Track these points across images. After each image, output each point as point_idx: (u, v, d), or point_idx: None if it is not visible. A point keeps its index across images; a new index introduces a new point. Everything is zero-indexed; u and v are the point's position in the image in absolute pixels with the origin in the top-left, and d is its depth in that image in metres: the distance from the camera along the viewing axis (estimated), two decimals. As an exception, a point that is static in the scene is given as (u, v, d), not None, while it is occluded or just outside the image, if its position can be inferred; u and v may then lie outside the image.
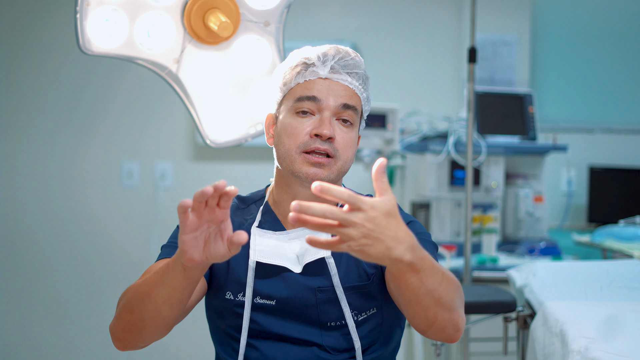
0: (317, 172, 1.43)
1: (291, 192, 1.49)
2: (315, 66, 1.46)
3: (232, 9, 1.84)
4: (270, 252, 1.46)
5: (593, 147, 3.91)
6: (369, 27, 3.82)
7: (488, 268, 3.03)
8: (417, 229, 1.47)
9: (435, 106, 3.62)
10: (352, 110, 1.46)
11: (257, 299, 1.46)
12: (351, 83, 1.46)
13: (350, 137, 1.46)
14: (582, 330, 1.76)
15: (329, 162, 1.44)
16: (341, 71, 1.46)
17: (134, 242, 3.71)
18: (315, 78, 1.45)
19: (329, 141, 1.43)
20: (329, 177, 1.44)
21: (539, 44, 3.95)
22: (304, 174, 1.43)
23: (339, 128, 1.45)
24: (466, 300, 2.23)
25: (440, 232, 3.28)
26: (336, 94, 1.45)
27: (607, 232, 3.10)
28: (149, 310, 1.32)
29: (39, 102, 3.69)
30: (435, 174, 3.23)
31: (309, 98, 1.44)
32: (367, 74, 1.51)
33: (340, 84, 1.46)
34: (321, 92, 1.44)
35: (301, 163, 1.44)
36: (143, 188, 3.73)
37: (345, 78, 1.46)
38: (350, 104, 1.45)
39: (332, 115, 1.44)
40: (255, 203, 1.56)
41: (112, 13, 1.78)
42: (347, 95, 1.46)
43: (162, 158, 3.75)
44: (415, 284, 1.21)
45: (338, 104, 1.44)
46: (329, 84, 1.45)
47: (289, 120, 1.46)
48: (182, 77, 1.88)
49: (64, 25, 2.92)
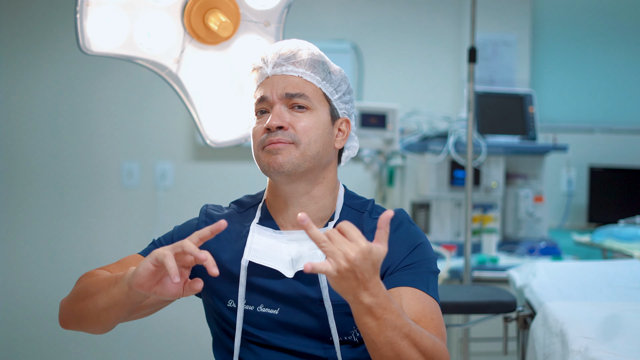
0: (275, 159, 1.43)
1: (280, 194, 1.50)
2: (262, 69, 1.50)
3: (232, 9, 1.84)
4: (265, 252, 1.45)
5: (593, 147, 3.91)
6: (369, 27, 3.82)
7: (488, 268, 3.03)
8: (423, 254, 1.47)
9: (435, 106, 3.61)
10: (300, 97, 1.46)
11: (261, 307, 1.45)
12: (296, 71, 1.47)
13: (308, 121, 1.45)
14: (582, 330, 1.76)
15: (286, 147, 1.43)
16: (284, 63, 1.48)
17: (133, 242, 3.70)
18: (263, 79, 1.49)
19: (281, 130, 1.44)
20: (292, 163, 1.43)
21: (539, 44, 3.95)
22: (266, 165, 1.45)
23: (292, 115, 1.45)
24: (466, 300, 2.24)
25: (440, 232, 3.28)
26: (279, 86, 1.47)
27: (607, 232, 3.10)
28: (90, 310, 1.38)
29: (39, 102, 3.69)
30: (435, 174, 3.23)
31: (260, 100, 1.48)
32: (323, 58, 1.51)
33: (285, 76, 1.47)
34: (267, 90, 1.47)
35: (263, 157, 1.45)
36: (143, 188, 3.73)
37: (289, 69, 1.48)
38: (293, 92, 1.46)
39: (282, 107, 1.46)
40: (253, 207, 1.56)
41: (112, 13, 1.78)
42: (291, 84, 1.46)
43: (162, 158, 3.75)
44: (374, 330, 1.25)
45: (281, 95, 1.46)
46: (273, 81, 1.48)
47: (253, 125, 1.51)
48: (182, 77, 1.88)
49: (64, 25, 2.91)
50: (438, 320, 1.40)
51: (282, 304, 1.44)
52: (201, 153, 3.76)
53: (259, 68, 1.50)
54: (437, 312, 1.41)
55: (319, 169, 1.48)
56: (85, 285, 1.41)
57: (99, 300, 1.35)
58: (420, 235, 1.50)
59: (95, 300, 1.36)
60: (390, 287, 1.40)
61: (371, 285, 1.22)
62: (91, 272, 1.46)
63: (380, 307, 1.24)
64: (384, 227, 1.22)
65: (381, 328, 1.25)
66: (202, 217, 1.55)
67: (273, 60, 1.48)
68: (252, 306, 1.45)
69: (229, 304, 1.47)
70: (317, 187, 1.48)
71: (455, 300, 2.23)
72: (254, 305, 1.45)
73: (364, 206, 1.52)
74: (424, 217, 3.29)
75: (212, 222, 1.45)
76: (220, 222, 1.25)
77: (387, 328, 1.25)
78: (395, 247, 1.45)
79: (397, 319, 1.26)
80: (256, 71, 1.52)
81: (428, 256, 1.47)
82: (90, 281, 1.41)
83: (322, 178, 1.49)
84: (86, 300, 1.38)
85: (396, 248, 1.45)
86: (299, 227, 1.47)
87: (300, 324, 1.43)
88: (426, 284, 1.43)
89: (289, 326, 1.44)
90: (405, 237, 1.47)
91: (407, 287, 1.41)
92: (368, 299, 1.22)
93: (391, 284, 1.41)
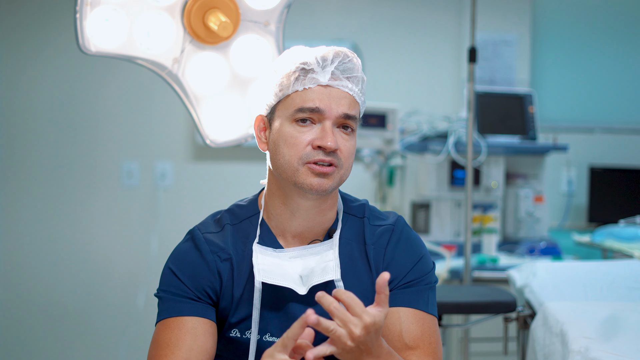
0: (321, 183, 1.37)
1: (290, 204, 1.42)
2: (314, 72, 1.38)
3: (232, 8, 1.84)
4: (273, 271, 1.40)
5: (593, 147, 3.91)
6: (369, 27, 3.82)
7: (488, 268, 3.03)
8: (425, 268, 1.46)
9: (435, 106, 3.61)
10: (353, 120, 1.39)
11: (267, 337, 1.40)
12: (351, 89, 1.39)
13: (351, 145, 1.40)
14: (582, 330, 1.76)
15: (333, 172, 1.37)
16: (341, 77, 1.38)
17: (133, 242, 3.70)
18: (315, 86, 1.37)
19: (334, 153, 1.37)
20: (332, 186, 1.39)
21: (539, 44, 3.94)
22: (308, 185, 1.37)
23: (341, 137, 1.38)
24: (466, 300, 2.24)
25: (440, 232, 3.28)
26: (337, 102, 1.37)
27: (607, 232, 3.10)
28: None
29: (39, 101, 3.69)
30: (435, 174, 3.23)
31: (311, 110, 1.36)
32: (364, 75, 1.44)
33: (341, 91, 1.38)
34: (322, 102, 1.36)
35: (305, 174, 1.37)
36: (143, 188, 3.73)
37: (345, 84, 1.38)
38: (351, 113, 1.38)
39: (333, 125, 1.38)
40: (249, 219, 1.47)
41: (112, 13, 1.78)
42: (347, 103, 1.38)
43: (162, 158, 3.75)
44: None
45: (340, 114, 1.37)
46: (329, 93, 1.37)
47: (287, 130, 1.38)
48: (182, 77, 1.88)
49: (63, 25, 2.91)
50: (435, 343, 1.40)
51: None
52: (201, 153, 3.76)
53: (310, 70, 1.38)
54: (435, 332, 1.42)
55: None
56: None
57: None
58: (421, 246, 1.49)
59: None
60: (391, 306, 1.39)
61: (374, 349, 1.24)
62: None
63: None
64: (383, 291, 1.24)
65: None
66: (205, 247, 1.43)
67: (331, 67, 1.38)
68: (259, 335, 1.41)
69: (232, 333, 1.42)
70: (328, 202, 1.45)
71: (455, 300, 2.23)
72: (260, 334, 1.41)
73: (361, 210, 1.50)
74: (424, 217, 3.29)
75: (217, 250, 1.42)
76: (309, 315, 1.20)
77: None
78: (398, 260, 1.44)
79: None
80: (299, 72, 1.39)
81: (428, 269, 1.47)
82: None
83: (333, 194, 1.46)
84: None
85: (399, 261, 1.44)
86: (299, 239, 1.45)
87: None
88: (426, 302, 1.43)
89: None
90: (406, 250, 1.46)
91: (408, 308, 1.41)
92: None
93: (392, 303, 1.39)
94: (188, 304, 1.39)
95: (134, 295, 3.64)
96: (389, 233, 1.46)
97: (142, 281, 3.63)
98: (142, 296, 3.62)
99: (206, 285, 1.40)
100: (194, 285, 1.40)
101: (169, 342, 1.36)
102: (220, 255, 1.42)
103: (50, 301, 3.69)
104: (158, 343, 1.37)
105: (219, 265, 1.41)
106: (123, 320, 3.65)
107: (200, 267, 1.41)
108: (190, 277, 1.41)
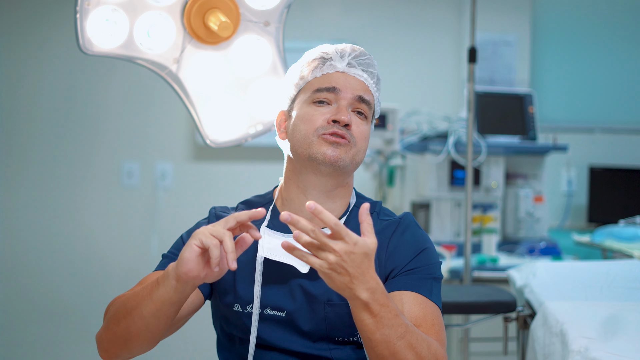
0: (334, 153, 1.43)
1: (302, 183, 1.48)
2: (333, 60, 1.49)
3: (232, 9, 1.84)
4: (278, 250, 1.43)
5: (593, 147, 3.91)
6: (369, 27, 3.82)
7: (488, 268, 3.03)
8: (428, 259, 1.47)
9: (435, 106, 3.61)
10: (367, 105, 1.49)
11: (267, 310, 1.43)
12: (366, 80, 1.50)
13: (365, 130, 1.48)
14: (582, 330, 1.76)
15: (346, 145, 1.45)
16: (357, 66, 1.49)
17: (133, 242, 3.71)
18: (333, 71, 1.48)
19: (346, 127, 1.45)
20: (345, 161, 1.44)
21: (539, 44, 3.95)
22: (322, 154, 1.43)
23: (355, 118, 1.47)
24: (466, 300, 2.24)
25: (440, 232, 3.28)
26: (353, 86, 1.48)
27: (607, 232, 3.10)
28: (136, 323, 1.33)
29: (39, 102, 3.69)
30: (435, 174, 3.23)
31: (328, 89, 1.46)
32: (380, 76, 1.54)
33: (357, 79, 1.49)
34: (339, 83, 1.47)
35: (319, 144, 1.44)
36: (143, 188, 3.73)
37: (361, 74, 1.49)
38: (365, 97, 1.48)
39: (348, 106, 1.47)
40: (263, 206, 1.54)
41: (112, 13, 1.78)
42: (362, 88, 1.49)
43: (162, 158, 3.75)
44: (370, 327, 1.26)
45: (355, 96, 1.47)
46: (345, 77, 1.48)
47: (305, 109, 1.48)
48: (182, 77, 1.88)
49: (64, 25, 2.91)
50: (439, 326, 1.40)
51: (289, 307, 1.43)
52: (201, 153, 3.76)
53: (329, 59, 1.49)
54: (438, 317, 1.42)
55: (350, 174, 1.51)
56: (120, 304, 1.36)
57: (144, 308, 1.31)
58: (426, 240, 1.50)
59: (140, 311, 1.31)
60: (393, 290, 1.41)
61: (366, 279, 1.23)
62: (117, 297, 1.40)
63: (377, 302, 1.25)
64: (365, 219, 1.24)
65: (378, 325, 1.26)
66: (214, 220, 1.51)
67: (348, 58, 1.49)
68: (260, 309, 1.44)
69: (235, 307, 1.45)
70: (340, 188, 1.50)
71: (455, 300, 2.23)
72: (261, 308, 1.44)
73: (373, 207, 1.54)
74: (424, 217, 3.29)
75: None
76: (258, 210, 1.25)
77: (383, 326, 1.26)
78: (401, 249, 1.46)
79: (394, 317, 1.27)
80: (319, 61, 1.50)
81: (433, 261, 1.48)
82: (123, 300, 1.37)
83: (345, 182, 1.51)
84: (129, 317, 1.33)
85: (402, 251, 1.46)
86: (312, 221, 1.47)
87: (306, 326, 1.43)
88: (429, 290, 1.43)
89: (296, 328, 1.43)
90: (411, 241, 1.48)
91: (410, 292, 1.41)
92: (364, 294, 1.23)
93: (394, 287, 1.41)
94: None
95: (134, 295, 3.64)
96: (395, 225, 1.50)
97: (142, 281, 3.63)
98: (142, 296, 3.62)
99: None
100: None
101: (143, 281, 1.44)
102: None
103: (50, 301, 3.69)
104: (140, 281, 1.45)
105: None
106: (123, 320, 3.65)
107: None
108: None
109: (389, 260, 1.45)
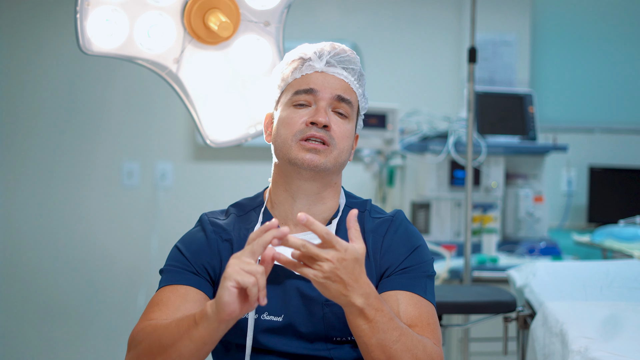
0: (312, 158, 1.43)
1: (290, 188, 1.48)
2: (311, 60, 1.48)
3: (232, 9, 1.84)
4: None
5: (593, 147, 3.91)
6: (369, 27, 3.82)
7: (488, 268, 3.03)
8: (422, 257, 1.47)
9: (435, 106, 3.61)
10: (347, 104, 1.47)
11: (264, 316, 1.43)
12: (346, 77, 1.48)
13: (346, 129, 1.47)
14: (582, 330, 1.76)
15: (325, 149, 1.44)
16: (337, 65, 1.48)
17: (134, 242, 3.71)
18: (311, 72, 1.47)
19: (324, 129, 1.44)
20: (325, 165, 1.44)
21: (539, 44, 3.95)
22: (300, 160, 1.43)
23: (334, 118, 1.46)
24: (466, 300, 2.24)
25: (440, 232, 3.28)
26: (332, 86, 1.46)
27: (607, 232, 3.10)
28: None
29: (39, 102, 3.69)
30: (435, 174, 3.23)
31: (305, 91, 1.46)
32: (363, 71, 1.53)
33: (336, 78, 1.47)
34: (317, 84, 1.46)
35: (297, 150, 1.44)
36: (143, 188, 3.73)
37: (340, 72, 1.48)
38: (345, 96, 1.47)
39: (327, 106, 1.46)
40: (254, 210, 1.54)
41: (112, 13, 1.78)
42: (342, 87, 1.47)
43: (162, 158, 3.75)
44: (366, 332, 1.27)
45: (333, 95, 1.46)
46: (324, 77, 1.47)
47: (285, 113, 1.47)
48: (182, 77, 1.88)
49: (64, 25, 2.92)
50: (434, 324, 1.41)
51: (286, 310, 1.43)
52: (201, 153, 3.76)
53: (308, 59, 1.48)
54: (433, 316, 1.42)
55: (336, 174, 1.50)
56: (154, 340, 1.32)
57: (183, 348, 1.28)
58: (419, 237, 1.51)
59: (178, 350, 1.28)
60: (389, 290, 1.42)
61: (359, 285, 1.24)
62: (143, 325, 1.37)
63: (372, 307, 1.26)
64: (353, 225, 1.25)
65: (373, 330, 1.27)
66: (209, 227, 1.50)
67: (327, 57, 1.48)
68: (256, 314, 1.43)
69: None
70: (328, 189, 1.50)
71: (455, 300, 2.23)
72: (258, 313, 1.43)
73: (364, 205, 1.54)
74: (424, 217, 3.29)
75: (219, 230, 1.48)
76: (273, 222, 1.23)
77: (379, 330, 1.27)
78: (395, 247, 1.47)
79: (389, 321, 1.28)
80: (298, 62, 1.49)
81: (426, 259, 1.49)
82: (157, 334, 1.33)
83: (333, 182, 1.51)
84: (165, 354, 1.30)
85: (396, 249, 1.46)
86: (301, 227, 1.47)
87: (304, 329, 1.43)
88: (423, 288, 1.44)
89: (294, 332, 1.43)
90: (404, 239, 1.49)
91: (405, 292, 1.42)
92: (359, 299, 1.25)
93: (389, 286, 1.42)
94: (186, 275, 1.44)
95: (134, 294, 3.64)
96: (388, 223, 1.50)
97: (142, 281, 3.63)
98: (142, 295, 3.62)
99: (206, 262, 1.46)
100: (194, 260, 1.46)
101: (159, 302, 1.42)
102: (222, 236, 1.48)
103: (50, 300, 3.69)
104: (151, 303, 1.43)
105: (220, 245, 1.48)
106: (123, 320, 3.65)
107: (203, 246, 1.47)
108: (192, 253, 1.47)
109: (384, 258, 1.46)
